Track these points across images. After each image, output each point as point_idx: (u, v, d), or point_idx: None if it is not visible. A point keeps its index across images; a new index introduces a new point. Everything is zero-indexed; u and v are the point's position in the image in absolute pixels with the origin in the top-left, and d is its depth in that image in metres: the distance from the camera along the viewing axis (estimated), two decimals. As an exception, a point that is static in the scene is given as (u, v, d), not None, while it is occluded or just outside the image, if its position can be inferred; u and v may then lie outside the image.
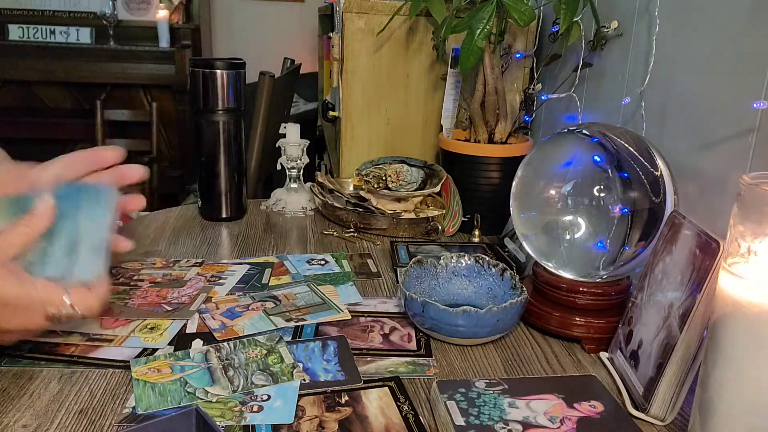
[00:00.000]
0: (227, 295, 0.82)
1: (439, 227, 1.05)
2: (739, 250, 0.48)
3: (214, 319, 0.75)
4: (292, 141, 1.17)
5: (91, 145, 2.96)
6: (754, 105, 0.65)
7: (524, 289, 0.74)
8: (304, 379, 0.63)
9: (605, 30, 0.98)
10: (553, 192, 0.78)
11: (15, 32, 3.34)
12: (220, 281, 0.86)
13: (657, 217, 0.70)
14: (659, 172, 0.71)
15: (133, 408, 0.58)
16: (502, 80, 1.06)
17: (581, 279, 0.74)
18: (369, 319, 0.77)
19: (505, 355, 0.71)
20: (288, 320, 0.75)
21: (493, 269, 0.80)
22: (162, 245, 1.00)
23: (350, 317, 0.77)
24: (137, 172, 0.70)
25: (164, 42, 3.34)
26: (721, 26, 0.74)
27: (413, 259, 0.81)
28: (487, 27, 0.95)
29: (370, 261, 0.97)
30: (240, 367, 0.65)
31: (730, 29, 0.72)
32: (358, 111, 1.26)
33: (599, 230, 0.74)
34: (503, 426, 0.54)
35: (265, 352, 0.68)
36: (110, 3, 3.33)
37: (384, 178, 1.10)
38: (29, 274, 0.59)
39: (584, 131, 0.78)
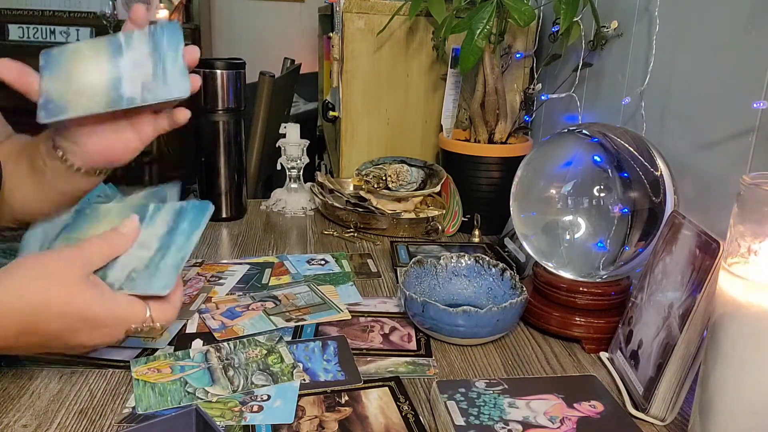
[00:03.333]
0: (227, 295, 0.82)
1: (439, 227, 1.05)
2: (739, 250, 0.48)
3: (214, 319, 0.75)
4: (292, 141, 1.17)
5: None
6: (754, 105, 0.65)
7: (524, 289, 0.74)
8: (304, 379, 0.63)
9: (605, 30, 0.98)
10: (553, 192, 0.78)
11: (15, 32, 3.34)
12: (220, 281, 0.86)
13: (657, 217, 0.70)
14: (659, 172, 0.71)
15: (133, 408, 0.58)
16: (502, 80, 1.06)
17: (581, 279, 0.74)
18: (369, 319, 0.77)
19: (505, 355, 0.71)
20: (288, 320, 0.75)
21: (493, 269, 0.80)
22: (162, 245, 1.00)
23: (350, 317, 0.77)
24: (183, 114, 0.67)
25: (164, 42, 3.34)
26: (721, 26, 0.74)
27: (413, 259, 0.81)
28: (487, 27, 0.95)
29: (370, 261, 0.97)
30: (240, 367, 0.65)
31: (730, 29, 0.72)
32: (358, 111, 1.26)
33: (599, 230, 0.74)
34: (503, 426, 0.54)
35: (265, 352, 0.68)
36: (110, 3, 3.32)
37: (384, 178, 1.10)
38: (110, 289, 0.57)
39: (584, 131, 0.78)
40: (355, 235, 1.08)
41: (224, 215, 1.13)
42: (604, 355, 0.71)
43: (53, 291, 0.54)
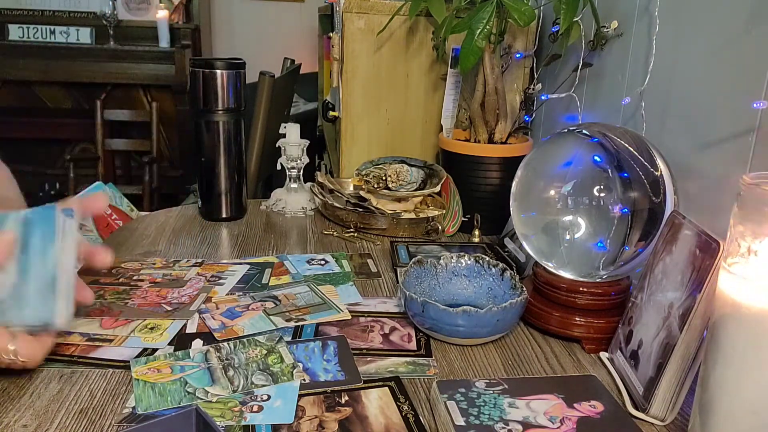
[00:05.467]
0: (227, 295, 0.82)
1: (439, 227, 1.05)
2: (739, 250, 0.48)
3: (214, 319, 0.75)
4: (292, 141, 1.17)
5: (91, 145, 2.97)
6: (754, 105, 0.65)
7: (524, 289, 0.74)
8: (304, 379, 0.63)
9: (605, 30, 0.98)
10: (553, 192, 0.78)
11: (15, 32, 3.34)
12: (220, 281, 0.86)
13: (657, 217, 0.70)
14: (659, 172, 0.71)
15: (133, 408, 0.58)
16: (502, 80, 1.06)
17: (581, 279, 0.74)
18: (369, 319, 0.77)
19: (505, 355, 0.71)
20: (288, 320, 0.75)
21: (493, 269, 0.80)
22: (162, 245, 1.00)
23: (350, 317, 0.77)
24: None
25: (164, 42, 3.34)
26: (721, 26, 0.74)
27: (413, 259, 0.81)
28: (487, 27, 0.95)
29: (370, 261, 0.97)
30: (240, 367, 0.65)
31: (730, 29, 0.72)
32: (358, 111, 1.26)
33: (599, 230, 0.74)
34: (503, 426, 0.54)
35: (265, 352, 0.68)
36: (110, 3, 3.32)
37: (384, 178, 1.10)
38: None
39: (584, 131, 0.78)
40: (355, 235, 1.08)
41: (224, 215, 1.13)
42: (604, 355, 0.71)
43: None
